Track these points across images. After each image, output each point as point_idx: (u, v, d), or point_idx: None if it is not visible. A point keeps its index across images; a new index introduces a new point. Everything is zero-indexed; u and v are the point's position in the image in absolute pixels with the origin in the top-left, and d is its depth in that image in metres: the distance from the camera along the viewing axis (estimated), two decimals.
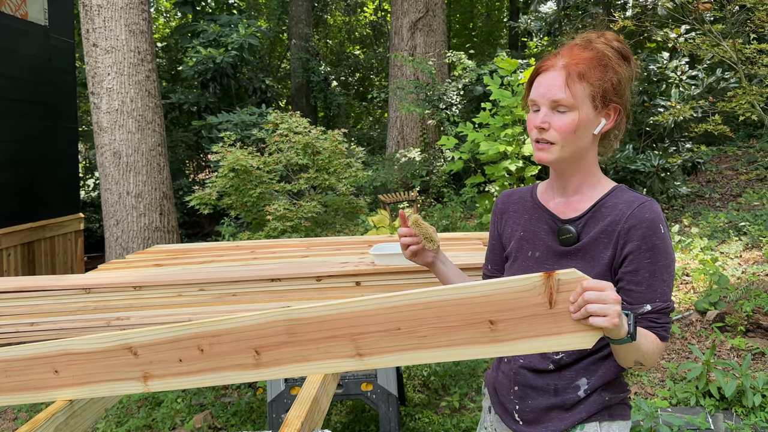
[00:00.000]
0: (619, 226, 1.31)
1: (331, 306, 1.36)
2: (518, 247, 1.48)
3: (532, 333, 1.23)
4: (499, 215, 1.57)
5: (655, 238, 1.28)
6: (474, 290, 1.26)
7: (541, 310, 1.21)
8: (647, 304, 1.29)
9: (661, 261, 1.28)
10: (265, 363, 1.44)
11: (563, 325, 1.21)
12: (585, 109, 1.30)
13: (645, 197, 1.34)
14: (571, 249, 1.37)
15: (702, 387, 3.31)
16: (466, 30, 19.40)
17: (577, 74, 1.29)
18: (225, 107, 10.23)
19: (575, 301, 1.13)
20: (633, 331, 1.15)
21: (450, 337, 1.30)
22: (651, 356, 1.26)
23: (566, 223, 1.39)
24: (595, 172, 1.40)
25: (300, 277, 2.21)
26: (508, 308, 1.24)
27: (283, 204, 4.76)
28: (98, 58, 5.96)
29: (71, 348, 1.60)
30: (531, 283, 1.20)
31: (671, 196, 7.26)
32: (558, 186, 1.43)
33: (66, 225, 7.53)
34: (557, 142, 1.31)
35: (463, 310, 1.27)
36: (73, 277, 2.41)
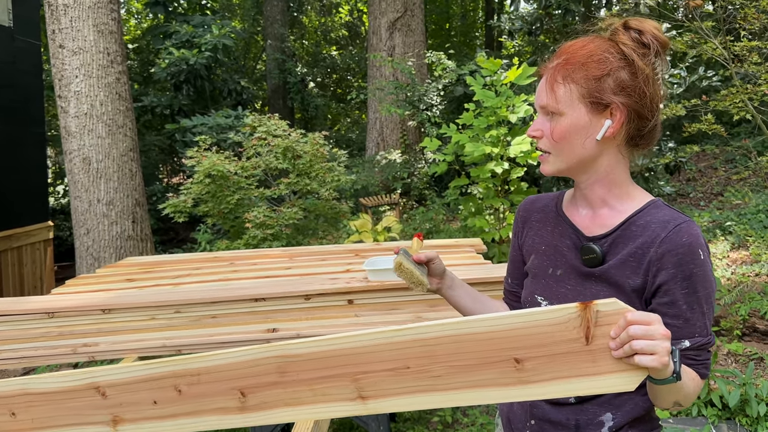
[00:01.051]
0: (651, 251, 1.14)
1: (330, 341, 1.18)
2: (539, 262, 1.31)
3: (566, 373, 1.06)
4: (521, 225, 1.40)
5: (693, 265, 1.11)
6: (496, 323, 1.08)
7: (577, 346, 1.04)
8: (685, 340, 1.13)
9: (700, 291, 1.12)
10: (251, 407, 1.26)
11: (602, 363, 1.03)
12: (575, 112, 1.14)
13: (683, 216, 1.16)
14: (596, 271, 1.20)
15: (704, 396, 3.19)
16: (442, 30, 19.31)
17: (561, 75, 1.14)
18: (199, 110, 9.96)
19: (617, 336, 0.97)
20: (679, 370, 0.99)
21: (468, 378, 1.12)
22: (691, 396, 1.11)
23: (591, 240, 1.22)
24: (621, 182, 1.21)
25: (287, 296, 2.03)
26: (536, 344, 1.07)
27: (262, 211, 4.55)
28: (65, 59, 5.69)
29: (30, 387, 1.40)
30: (565, 315, 1.03)
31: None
32: (580, 196, 1.26)
33: (34, 234, 7.23)
34: (551, 151, 1.19)
35: (483, 346, 1.10)
36: (36, 300, 2.19)
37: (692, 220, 1.16)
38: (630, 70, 1.15)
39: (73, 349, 2.00)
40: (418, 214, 7.97)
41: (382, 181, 9.54)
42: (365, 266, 2.04)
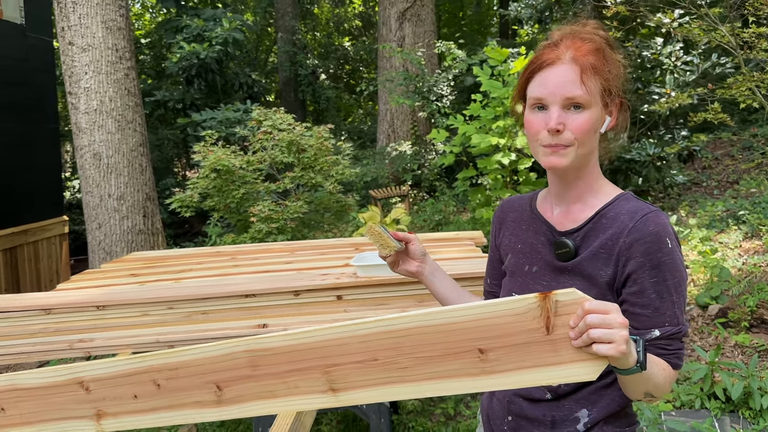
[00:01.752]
0: (620, 241, 1.14)
1: (298, 334, 1.20)
2: (516, 260, 1.32)
3: (528, 363, 1.07)
4: (498, 226, 1.41)
5: (661, 254, 1.12)
6: (459, 314, 1.09)
7: (538, 336, 1.05)
8: (655, 329, 1.13)
9: (669, 280, 1.12)
10: (227, 400, 1.28)
11: (563, 353, 1.04)
12: (597, 106, 1.15)
13: (650, 207, 1.17)
14: (569, 265, 1.21)
15: (707, 389, 3.17)
16: (456, 19, 19.18)
17: (591, 67, 1.13)
18: (211, 103, 10.02)
19: (576, 325, 0.98)
20: (643, 360, 0.99)
21: (434, 369, 1.14)
22: (662, 387, 1.11)
23: (564, 235, 1.23)
24: (598, 176, 1.24)
25: (276, 292, 2.05)
26: (499, 335, 1.08)
27: (267, 205, 4.58)
28: (75, 56, 5.75)
29: (18, 383, 1.43)
30: (525, 305, 1.04)
31: (667, 185, 7.12)
32: (557, 193, 1.26)
33: (50, 229, 7.34)
34: (573, 144, 1.14)
35: (447, 337, 1.11)
36: (33, 297, 2.23)
37: (660, 210, 1.16)
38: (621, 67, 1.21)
39: (70, 345, 2.05)
40: (427, 205, 7.96)
41: (392, 173, 9.53)
42: (354, 262, 2.05)
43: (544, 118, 1.15)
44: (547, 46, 1.18)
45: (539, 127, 1.16)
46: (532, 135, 1.18)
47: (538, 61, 1.16)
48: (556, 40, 1.18)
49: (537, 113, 1.17)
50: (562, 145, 1.15)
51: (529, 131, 1.18)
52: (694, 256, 5.36)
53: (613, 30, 5.16)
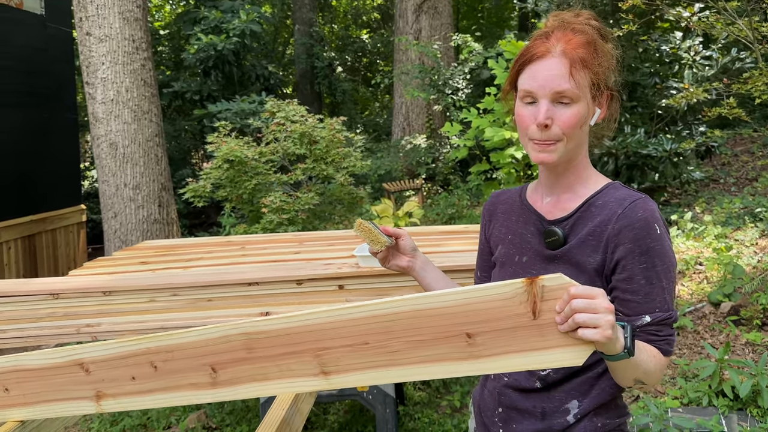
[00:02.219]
0: (609, 228, 1.15)
1: (291, 318, 1.22)
2: (506, 251, 1.33)
3: (515, 348, 1.08)
4: (488, 218, 1.42)
5: (650, 239, 1.12)
6: (447, 299, 1.11)
7: (524, 321, 1.06)
8: (646, 315, 1.13)
9: (658, 265, 1.12)
10: (222, 382, 1.30)
11: (550, 338, 1.05)
12: (586, 99, 1.15)
13: (638, 194, 1.18)
14: (558, 253, 1.21)
15: (715, 386, 3.14)
16: (474, 12, 19.06)
17: (580, 61, 1.13)
18: (228, 95, 10.08)
19: (562, 310, 0.98)
20: (630, 346, 0.99)
21: (423, 353, 1.15)
22: (653, 374, 1.11)
23: (553, 224, 1.23)
24: (587, 166, 1.25)
25: (279, 281, 2.07)
26: (486, 319, 1.09)
27: (279, 196, 4.61)
28: (92, 47, 5.82)
29: (21, 364, 1.47)
30: (512, 290, 1.05)
31: (684, 181, 7.03)
32: (548, 184, 1.27)
33: (67, 217, 7.44)
34: (561, 139, 1.15)
35: (435, 321, 1.12)
36: (41, 281, 2.28)
37: (648, 197, 1.16)
38: (613, 59, 1.21)
39: (77, 329, 2.08)
40: (441, 199, 7.95)
41: (406, 166, 9.53)
42: (356, 252, 2.07)
43: (533, 111, 1.15)
44: (538, 38, 1.18)
45: (529, 121, 1.16)
46: (522, 128, 1.19)
47: (529, 53, 1.17)
48: (548, 31, 1.18)
49: (527, 106, 1.17)
50: (551, 141, 1.15)
51: (520, 124, 1.19)
52: (708, 253, 5.30)
53: (630, 23, 5.11)
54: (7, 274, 6.28)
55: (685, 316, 4.19)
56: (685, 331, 4.07)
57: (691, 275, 5.01)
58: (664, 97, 7.00)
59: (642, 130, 6.86)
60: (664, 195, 7.54)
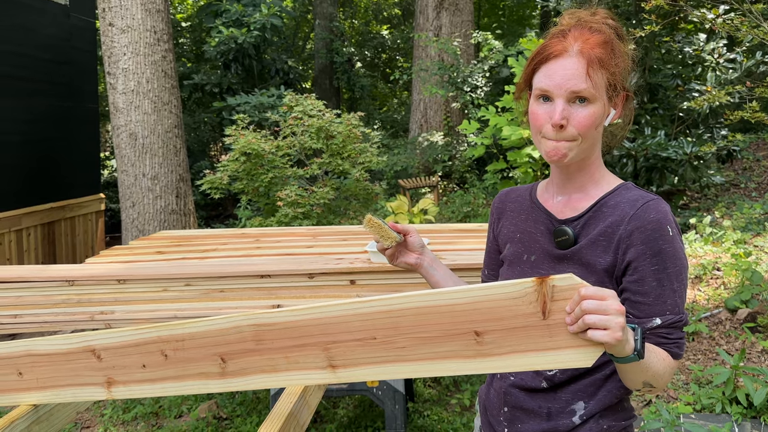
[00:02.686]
0: (621, 229, 1.14)
1: (301, 311, 1.22)
2: (514, 250, 1.32)
3: (524, 347, 1.08)
4: (496, 216, 1.41)
5: (662, 241, 1.11)
6: (456, 296, 1.10)
7: (534, 320, 1.06)
8: (656, 318, 1.12)
9: (670, 268, 1.11)
10: (231, 372, 1.32)
11: (559, 338, 1.05)
12: (602, 99, 1.14)
13: (651, 195, 1.16)
14: (567, 253, 1.20)
15: (729, 393, 3.11)
16: (496, 9, 18.95)
17: (598, 61, 1.12)
18: (247, 88, 10.12)
19: (572, 311, 0.98)
20: (640, 348, 0.98)
21: (431, 350, 1.15)
22: (662, 377, 1.10)
23: (563, 223, 1.23)
24: (599, 166, 1.24)
25: (291, 274, 2.08)
26: (495, 318, 1.08)
27: (294, 190, 4.62)
28: (114, 37, 5.87)
29: (34, 349, 1.49)
30: (521, 289, 1.05)
31: (704, 185, 6.94)
32: (559, 183, 1.26)
33: (86, 205, 7.53)
34: (576, 139, 1.13)
35: (444, 318, 1.12)
36: (57, 268, 2.31)
37: (661, 198, 1.15)
38: (629, 60, 1.20)
39: (91, 316, 2.11)
40: (456, 197, 7.93)
41: (422, 163, 9.51)
42: (368, 248, 2.07)
43: (548, 110, 1.14)
44: (555, 36, 1.16)
45: (543, 120, 1.15)
46: (536, 127, 1.17)
47: (545, 52, 1.15)
48: (564, 29, 1.16)
49: (542, 104, 1.15)
50: (564, 140, 1.14)
51: (534, 123, 1.18)
52: (726, 259, 5.23)
53: (653, 24, 5.04)
54: (26, 260, 6.37)
55: (701, 321, 4.14)
56: (701, 337, 4.03)
57: (708, 280, 4.95)
58: (686, 100, 6.91)
59: (662, 132, 6.78)
60: (684, 198, 7.45)
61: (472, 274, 2.17)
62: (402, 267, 1.42)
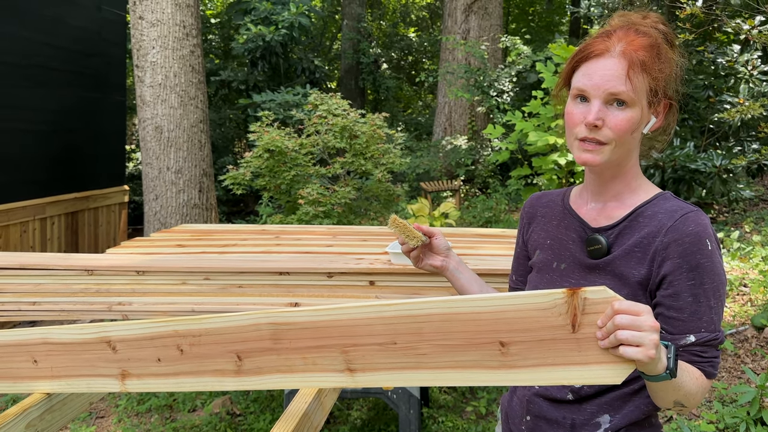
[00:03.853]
0: (657, 240, 1.09)
1: (321, 311, 1.19)
2: (544, 257, 1.27)
3: (551, 360, 1.03)
4: (526, 221, 1.36)
5: (700, 255, 1.06)
6: (482, 304, 1.06)
7: (562, 333, 1.01)
8: (690, 335, 1.07)
9: (707, 283, 1.06)
10: (246, 371, 1.29)
11: (588, 353, 1.00)
12: (642, 104, 1.09)
13: (691, 206, 1.11)
14: (600, 263, 1.15)
15: (754, 413, 3.01)
16: (525, 15, 18.83)
17: (640, 64, 1.07)
18: (273, 86, 10.16)
19: (604, 325, 0.93)
20: (673, 367, 0.94)
21: (453, 358, 1.11)
22: (694, 396, 1.05)
23: (597, 231, 1.18)
24: (637, 175, 1.18)
25: (310, 272, 2.05)
26: (522, 328, 1.04)
27: (316, 188, 4.61)
28: (143, 30, 5.91)
29: (50, 337, 1.48)
30: (551, 300, 1.00)
31: (733, 199, 6.80)
32: (594, 190, 1.21)
33: (110, 197, 7.60)
34: (610, 142, 1.09)
35: (468, 326, 1.08)
36: (77, 257, 2.31)
37: (701, 210, 1.10)
38: (677, 67, 1.15)
39: (109, 307, 2.10)
40: (478, 202, 7.86)
41: (445, 167, 9.45)
42: (389, 249, 2.03)
43: (584, 110, 1.10)
44: (600, 35, 1.12)
45: (578, 120, 1.10)
46: (571, 127, 1.13)
47: (587, 50, 1.11)
48: (610, 30, 1.12)
49: (578, 104, 1.11)
50: (598, 141, 1.09)
51: (568, 122, 1.13)
52: (754, 275, 5.10)
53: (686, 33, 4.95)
54: (49, 249, 6.45)
55: (726, 338, 4.04)
56: (726, 354, 3.93)
57: (735, 296, 4.83)
58: (717, 111, 6.78)
59: (692, 143, 6.65)
60: (711, 212, 7.30)
61: (494, 279, 2.12)
62: (427, 270, 1.39)
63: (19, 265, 2.17)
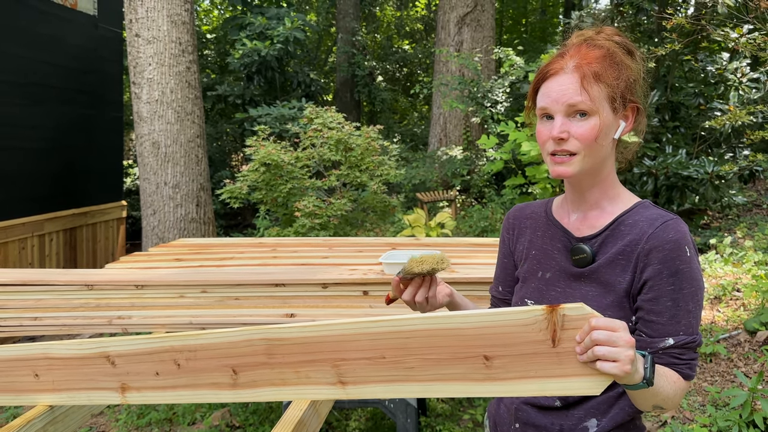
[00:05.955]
0: (639, 247, 1.14)
1: (312, 327, 1.24)
2: (529, 267, 1.32)
3: (532, 373, 1.08)
4: (511, 231, 1.41)
5: (679, 261, 1.11)
6: (466, 320, 1.11)
7: (543, 348, 1.06)
8: (669, 338, 1.12)
9: (686, 288, 1.11)
10: (242, 384, 1.34)
11: (567, 366, 1.05)
12: (604, 112, 1.14)
13: (670, 214, 1.16)
14: (585, 271, 1.21)
15: (746, 416, 3.06)
16: (518, 26, 18.99)
17: (592, 74, 1.13)
18: (269, 100, 10.24)
19: (582, 340, 0.99)
20: (650, 377, 0.99)
21: (439, 371, 1.16)
22: (672, 399, 1.10)
23: (581, 241, 1.23)
24: (614, 183, 1.24)
25: (305, 284, 2.10)
26: (504, 343, 1.09)
27: (312, 201, 4.66)
28: (140, 48, 5.99)
29: (50, 352, 1.53)
30: (531, 316, 1.05)
31: (725, 205, 6.87)
32: (574, 200, 1.26)
33: (108, 212, 7.65)
34: (579, 152, 1.14)
35: (453, 341, 1.13)
36: (77, 272, 2.35)
37: (680, 218, 1.15)
38: (638, 72, 1.20)
39: (109, 321, 2.15)
40: (474, 211, 7.92)
41: (441, 177, 9.52)
42: (382, 259, 2.08)
43: (550, 127, 1.16)
44: (556, 56, 1.19)
45: (546, 136, 1.17)
46: (541, 144, 1.19)
47: (544, 71, 1.18)
48: (564, 51, 1.19)
49: (545, 122, 1.17)
50: (568, 153, 1.15)
51: (539, 140, 1.20)
52: (747, 280, 5.15)
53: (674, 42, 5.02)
54: (47, 265, 6.48)
55: (719, 342, 4.08)
56: (718, 358, 3.97)
57: (728, 301, 4.88)
58: (708, 119, 6.86)
59: (683, 150, 6.73)
60: (704, 218, 7.36)
61: (485, 288, 2.17)
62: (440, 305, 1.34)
63: (21, 281, 2.21)
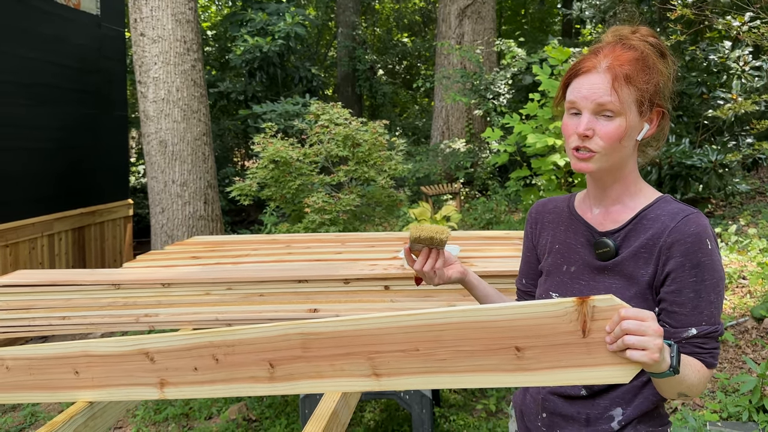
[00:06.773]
0: (661, 241, 1.19)
1: (347, 322, 1.29)
2: (553, 260, 1.36)
3: (563, 363, 1.13)
4: (534, 225, 1.45)
5: (701, 254, 1.16)
6: (498, 313, 1.16)
7: (573, 338, 1.11)
8: (692, 328, 1.17)
9: (707, 280, 1.16)
10: (279, 377, 1.39)
11: (597, 356, 1.10)
12: (631, 115, 1.18)
13: (691, 208, 1.21)
14: (609, 264, 1.25)
15: (756, 402, 3.11)
16: (518, 16, 18.97)
17: (624, 77, 1.16)
18: (271, 96, 10.27)
19: (612, 330, 1.03)
20: (676, 365, 1.03)
21: (472, 362, 1.21)
22: (696, 387, 1.14)
23: (604, 235, 1.27)
24: (636, 180, 1.28)
25: (328, 279, 2.15)
26: (536, 335, 1.14)
27: (321, 196, 4.72)
28: (145, 47, 6.02)
29: (90, 350, 1.58)
30: (562, 308, 1.10)
31: (729, 193, 6.91)
32: (596, 196, 1.31)
33: (115, 211, 7.69)
34: (600, 151, 1.18)
35: (485, 333, 1.18)
36: (103, 272, 2.41)
37: (700, 212, 1.20)
38: (668, 76, 1.23)
39: (136, 319, 2.20)
40: (478, 204, 7.96)
41: (444, 170, 9.56)
42: (401, 254, 2.13)
43: (576, 122, 1.20)
44: (589, 53, 1.23)
45: (571, 131, 1.21)
46: (566, 137, 1.23)
47: (577, 68, 1.21)
48: (599, 47, 1.22)
49: (572, 117, 1.21)
50: (589, 150, 1.19)
51: (564, 133, 1.24)
52: (752, 267, 5.21)
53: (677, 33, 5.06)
54: (57, 264, 6.53)
55: (726, 330, 4.14)
56: (727, 345, 4.03)
57: (734, 289, 4.94)
58: (711, 107, 6.89)
59: (687, 140, 6.77)
60: (708, 207, 7.41)
61: (503, 281, 2.22)
62: (447, 282, 1.41)
63: (50, 281, 2.27)
